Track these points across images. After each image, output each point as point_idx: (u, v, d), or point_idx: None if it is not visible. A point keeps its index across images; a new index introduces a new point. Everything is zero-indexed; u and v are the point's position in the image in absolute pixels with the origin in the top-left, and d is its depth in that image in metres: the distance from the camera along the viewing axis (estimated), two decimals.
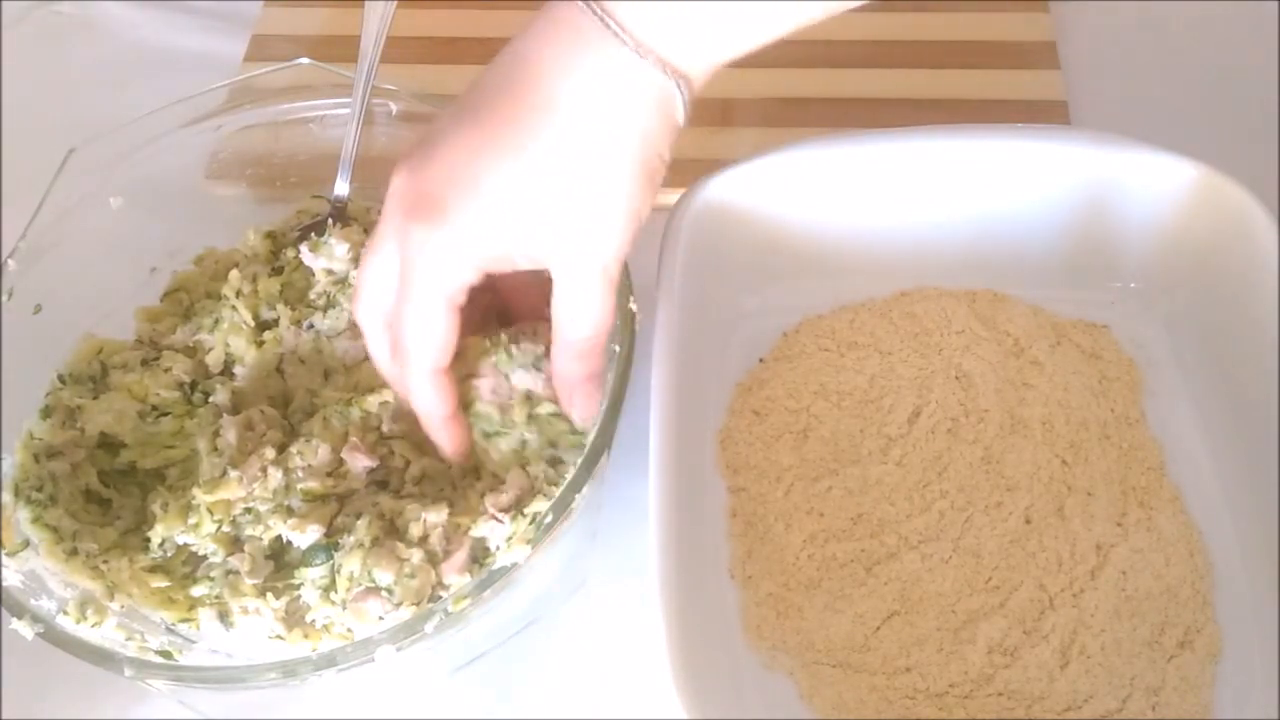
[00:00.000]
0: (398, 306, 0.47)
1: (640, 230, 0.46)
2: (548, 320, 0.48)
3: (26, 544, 0.51)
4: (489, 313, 0.53)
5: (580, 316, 0.47)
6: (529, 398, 0.51)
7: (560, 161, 0.44)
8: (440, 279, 0.46)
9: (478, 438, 0.51)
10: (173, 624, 0.51)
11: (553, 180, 0.44)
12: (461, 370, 0.50)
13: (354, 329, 0.57)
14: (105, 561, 0.51)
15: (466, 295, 0.47)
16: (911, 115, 0.65)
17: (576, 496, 0.49)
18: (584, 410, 0.50)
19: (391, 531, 0.51)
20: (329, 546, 0.50)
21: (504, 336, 0.51)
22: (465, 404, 0.50)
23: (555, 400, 0.50)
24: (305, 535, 0.50)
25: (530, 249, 0.46)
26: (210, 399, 0.56)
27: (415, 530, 0.50)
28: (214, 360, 0.58)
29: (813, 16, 0.45)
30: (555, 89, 0.44)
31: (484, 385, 0.50)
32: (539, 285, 0.48)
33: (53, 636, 0.47)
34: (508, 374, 0.51)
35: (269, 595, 0.50)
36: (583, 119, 0.44)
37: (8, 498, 0.52)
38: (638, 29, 0.43)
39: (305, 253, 0.58)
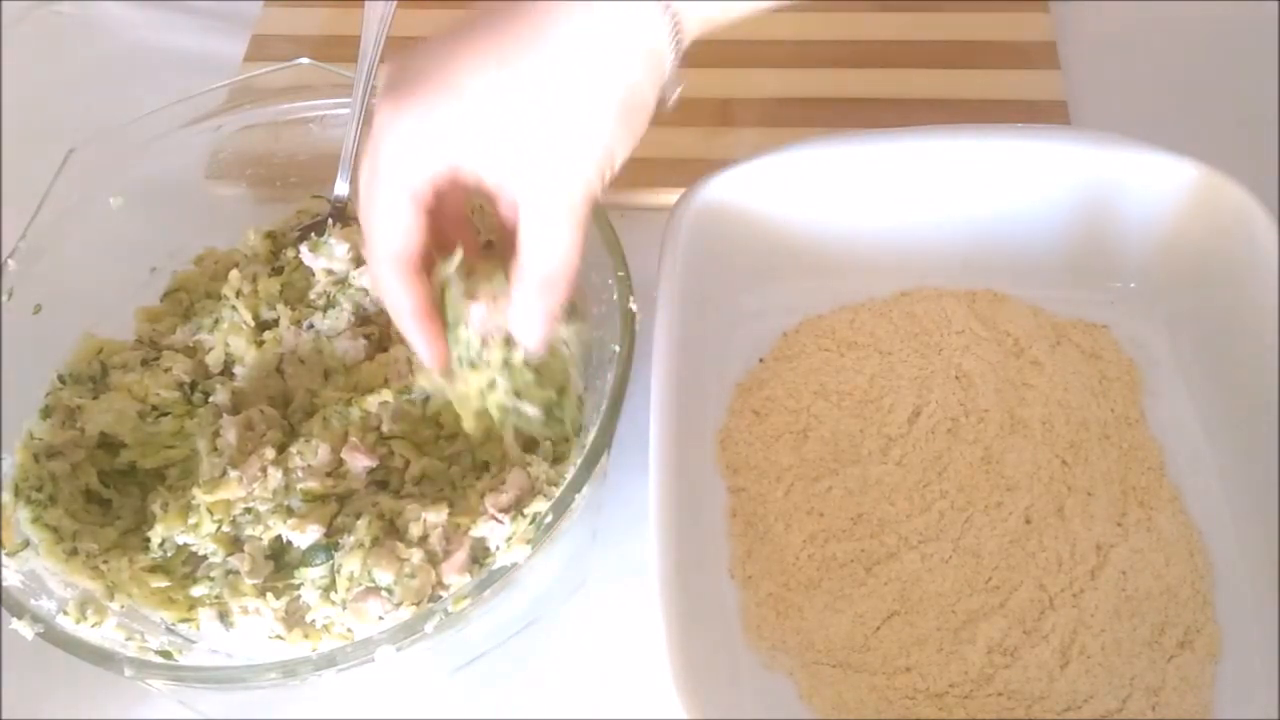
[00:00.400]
0: (362, 190, 0.47)
1: (614, 173, 0.46)
2: None
3: (26, 544, 0.51)
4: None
5: (544, 247, 0.46)
6: (509, 342, 0.50)
7: (541, 83, 0.44)
8: (403, 163, 0.46)
9: (454, 363, 0.50)
10: (173, 624, 0.51)
11: (530, 98, 0.44)
12: (465, 289, 0.49)
13: (354, 329, 0.57)
14: (105, 561, 0.51)
15: (430, 190, 0.46)
16: (911, 115, 0.65)
17: (576, 496, 0.49)
18: (536, 342, 0.49)
19: (391, 531, 0.51)
20: (329, 546, 0.50)
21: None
22: (453, 324, 0.49)
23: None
24: (305, 535, 0.50)
25: (498, 164, 0.46)
26: (210, 399, 0.56)
27: (415, 530, 0.50)
28: (214, 360, 0.58)
29: None
30: (556, 20, 0.44)
31: (476, 311, 0.49)
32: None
33: (53, 636, 0.47)
34: (503, 295, 0.49)
35: (269, 595, 0.50)
36: (574, 53, 0.44)
37: (8, 498, 0.52)
38: None
39: (305, 253, 0.58)
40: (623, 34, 0.44)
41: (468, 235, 0.51)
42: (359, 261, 0.58)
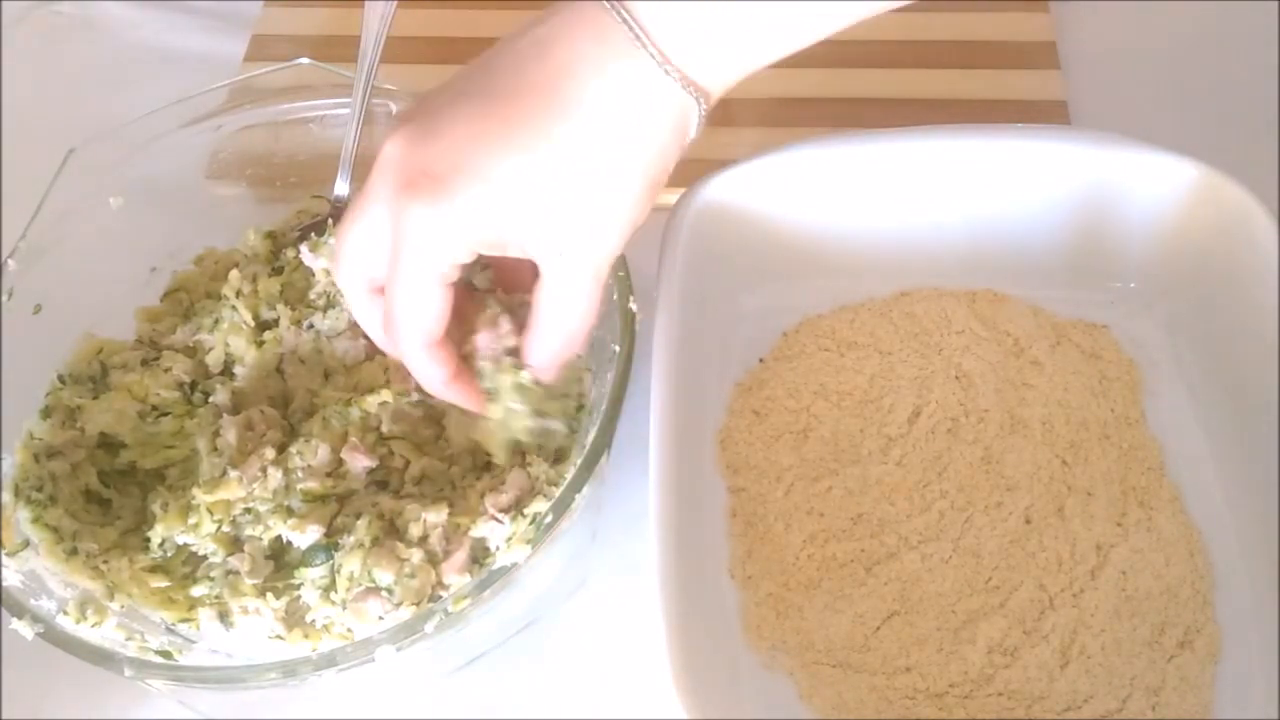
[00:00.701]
0: (390, 282, 0.47)
1: (635, 233, 0.46)
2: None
3: (26, 544, 0.51)
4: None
5: (566, 312, 0.47)
6: (516, 366, 0.50)
7: (571, 163, 0.44)
8: (434, 257, 0.45)
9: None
10: (173, 624, 0.51)
11: (560, 178, 0.44)
12: (464, 329, 0.50)
13: (354, 329, 0.57)
14: (105, 561, 0.51)
15: (458, 273, 0.46)
16: (911, 115, 0.65)
17: (576, 496, 0.49)
18: (548, 375, 0.49)
19: (391, 531, 0.51)
20: (329, 546, 0.50)
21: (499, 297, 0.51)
22: (466, 359, 0.50)
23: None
24: (305, 535, 0.50)
25: (526, 241, 0.46)
26: (210, 399, 0.56)
27: (415, 530, 0.50)
28: (214, 360, 0.58)
29: (837, 26, 0.45)
30: (575, 90, 0.43)
31: (481, 339, 0.49)
32: (532, 266, 0.48)
33: (53, 636, 0.47)
34: (498, 324, 0.50)
35: (269, 595, 0.50)
36: (599, 126, 0.43)
37: (8, 498, 0.52)
38: (662, 38, 0.43)
39: (305, 253, 0.58)
40: (646, 105, 0.44)
41: None
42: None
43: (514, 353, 0.50)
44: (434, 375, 0.48)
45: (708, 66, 0.44)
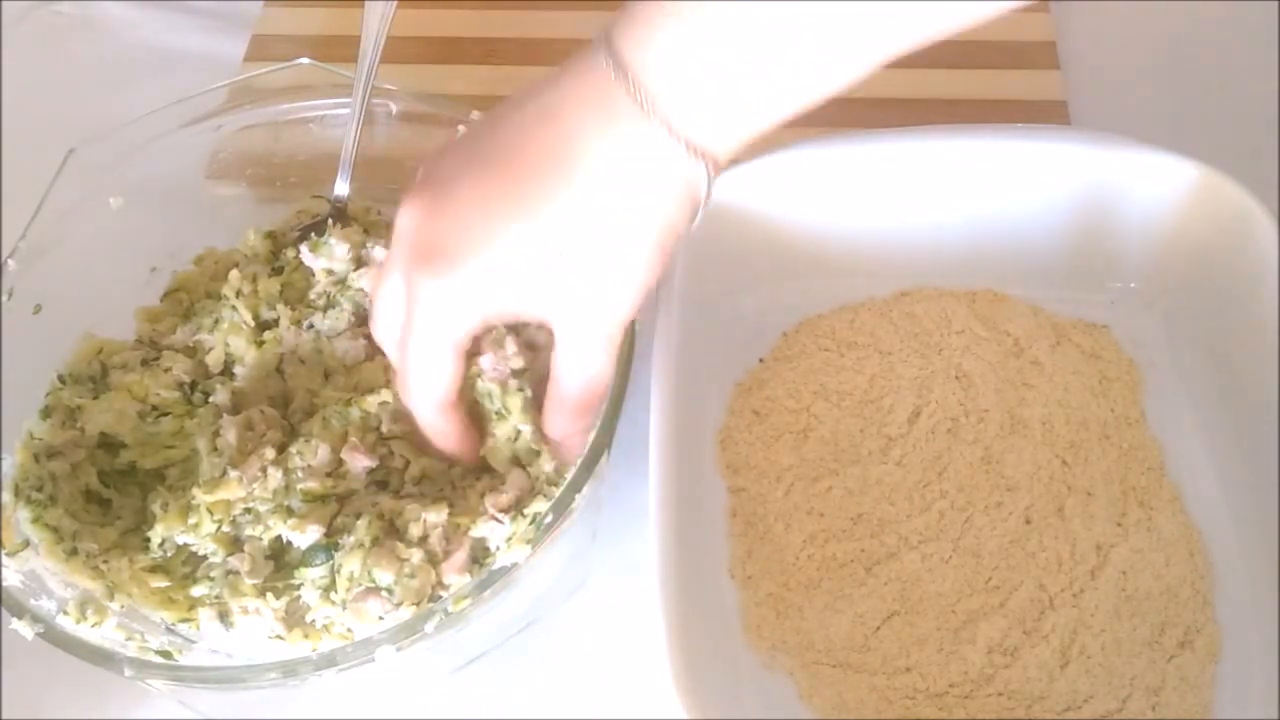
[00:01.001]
0: (402, 348, 0.48)
1: (647, 299, 0.47)
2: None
3: (26, 544, 0.51)
4: None
5: (579, 376, 0.47)
6: (521, 388, 0.51)
7: (574, 228, 0.44)
8: (443, 327, 0.46)
9: (488, 415, 0.51)
10: (173, 624, 0.51)
11: (565, 246, 0.44)
12: (469, 350, 0.50)
13: (354, 329, 0.57)
14: (105, 561, 0.51)
15: (470, 337, 0.47)
16: (911, 115, 0.65)
17: (576, 496, 0.49)
18: (565, 457, 0.50)
19: (391, 531, 0.51)
20: (329, 546, 0.50)
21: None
22: (470, 382, 0.50)
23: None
24: (305, 535, 0.50)
25: (536, 309, 0.46)
26: (210, 399, 0.56)
27: (415, 530, 0.50)
28: (214, 360, 0.58)
29: (842, 85, 0.44)
30: (579, 155, 0.43)
31: (486, 361, 0.50)
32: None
33: (53, 636, 0.47)
34: (503, 344, 0.50)
35: (269, 595, 0.50)
36: (603, 191, 0.43)
37: (8, 498, 0.52)
38: (668, 105, 0.42)
39: (305, 253, 0.58)
40: (651, 171, 0.43)
41: None
42: (359, 262, 0.58)
43: (519, 374, 0.51)
44: (444, 431, 0.50)
45: (715, 133, 0.44)
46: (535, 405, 0.51)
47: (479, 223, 0.44)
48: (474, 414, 0.52)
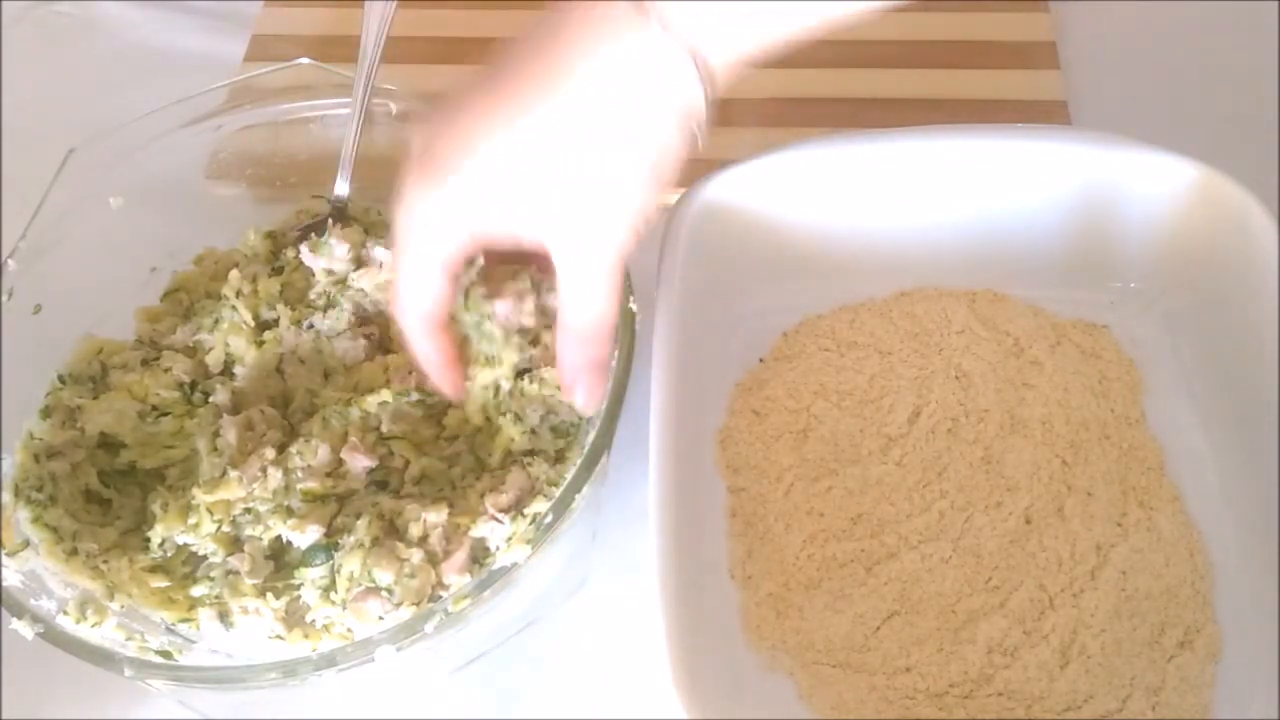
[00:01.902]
0: (396, 257, 0.48)
1: (646, 229, 0.46)
2: None
3: (26, 544, 0.51)
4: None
5: (583, 304, 0.47)
6: (523, 332, 0.51)
7: (563, 139, 0.43)
8: (430, 241, 0.46)
9: (477, 358, 0.51)
10: (173, 624, 0.51)
11: (554, 158, 0.43)
12: (487, 290, 0.50)
13: (354, 329, 0.57)
14: (105, 561, 0.51)
15: (461, 259, 0.47)
16: (911, 115, 0.65)
17: (576, 496, 0.49)
18: (588, 398, 0.50)
19: (391, 531, 0.51)
20: (329, 546, 0.50)
21: (533, 270, 0.51)
22: (477, 323, 0.51)
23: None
24: (305, 535, 0.50)
25: (530, 230, 0.46)
26: (210, 399, 0.56)
27: (415, 530, 0.50)
28: (214, 360, 0.58)
29: (840, 11, 0.44)
30: (573, 66, 0.43)
31: (500, 306, 0.50)
32: None
33: (53, 636, 0.47)
34: (524, 299, 0.51)
35: (269, 595, 0.50)
36: (595, 104, 0.43)
37: (8, 498, 0.52)
38: (667, 8, 0.42)
39: (305, 253, 0.58)
40: (644, 79, 0.43)
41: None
42: (359, 262, 0.58)
43: (524, 333, 0.51)
44: (428, 353, 0.49)
45: (713, 41, 0.43)
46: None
47: (469, 132, 0.44)
48: (469, 356, 0.52)
